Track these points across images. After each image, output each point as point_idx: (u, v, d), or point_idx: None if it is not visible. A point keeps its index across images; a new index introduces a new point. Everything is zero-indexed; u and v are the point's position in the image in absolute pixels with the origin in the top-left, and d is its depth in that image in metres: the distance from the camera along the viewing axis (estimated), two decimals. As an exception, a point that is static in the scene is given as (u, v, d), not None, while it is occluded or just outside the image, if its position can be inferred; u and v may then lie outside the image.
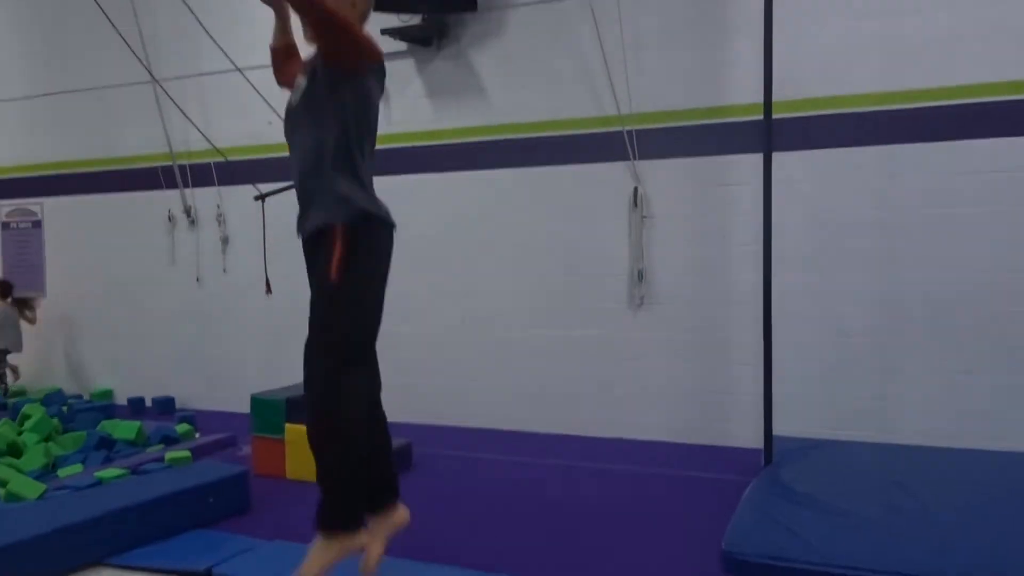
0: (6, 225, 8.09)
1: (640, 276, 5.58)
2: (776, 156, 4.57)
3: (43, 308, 7.71)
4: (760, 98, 4.51)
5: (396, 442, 5.03)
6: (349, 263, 2.47)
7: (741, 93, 5.26)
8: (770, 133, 4.47)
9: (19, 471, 4.23)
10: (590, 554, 3.52)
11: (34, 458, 4.53)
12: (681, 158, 5.49)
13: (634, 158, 5.54)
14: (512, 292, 6.00)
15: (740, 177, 5.30)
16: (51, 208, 7.85)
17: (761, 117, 4.53)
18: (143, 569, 3.38)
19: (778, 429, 4.65)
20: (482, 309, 6.09)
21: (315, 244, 2.57)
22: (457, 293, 6.15)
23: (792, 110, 5.12)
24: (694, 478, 4.69)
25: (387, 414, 2.84)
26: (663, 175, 5.54)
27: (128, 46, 5.98)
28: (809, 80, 5.13)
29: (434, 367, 6.19)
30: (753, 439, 4.86)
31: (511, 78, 5.95)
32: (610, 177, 5.64)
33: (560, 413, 5.83)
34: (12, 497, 3.83)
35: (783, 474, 4.27)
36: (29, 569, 3.18)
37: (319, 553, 2.56)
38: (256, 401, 5.00)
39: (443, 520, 4.00)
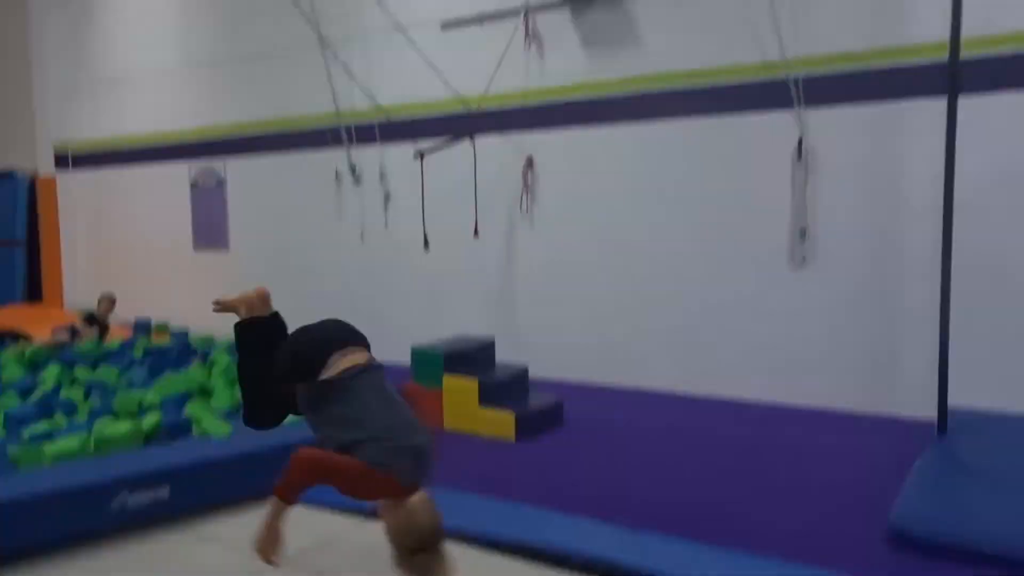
0: (194, 184, 8.84)
1: (803, 234, 5.30)
2: (962, 100, 4.16)
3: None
4: (943, 36, 4.11)
5: (548, 399, 5.10)
6: None
7: (922, 30, 4.82)
8: (956, 74, 4.07)
9: (210, 410, 4.68)
10: (747, 523, 3.46)
11: (223, 399, 4.98)
12: (852, 105, 5.12)
13: (799, 106, 5.22)
14: (668, 247, 5.87)
15: (919, 125, 4.88)
16: (232, 168, 8.49)
17: (946, 57, 4.14)
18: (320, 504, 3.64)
19: (953, 399, 4.33)
20: (637, 265, 6.02)
21: None
22: (613, 249, 6.10)
23: (982, 47, 4.63)
24: (858, 448, 4.48)
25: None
26: (831, 124, 5.19)
27: (296, 5, 6.41)
28: (1000, 14, 4.60)
29: (588, 324, 6.18)
30: (923, 408, 4.55)
31: (668, 24, 5.74)
32: (773, 127, 5.35)
33: (715, 374, 5.70)
34: (204, 433, 4.26)
35: (957, 447, 3.99)
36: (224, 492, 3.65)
37: None
38: (416, 353, 5.23)
39: (592, 477, 4.06)
